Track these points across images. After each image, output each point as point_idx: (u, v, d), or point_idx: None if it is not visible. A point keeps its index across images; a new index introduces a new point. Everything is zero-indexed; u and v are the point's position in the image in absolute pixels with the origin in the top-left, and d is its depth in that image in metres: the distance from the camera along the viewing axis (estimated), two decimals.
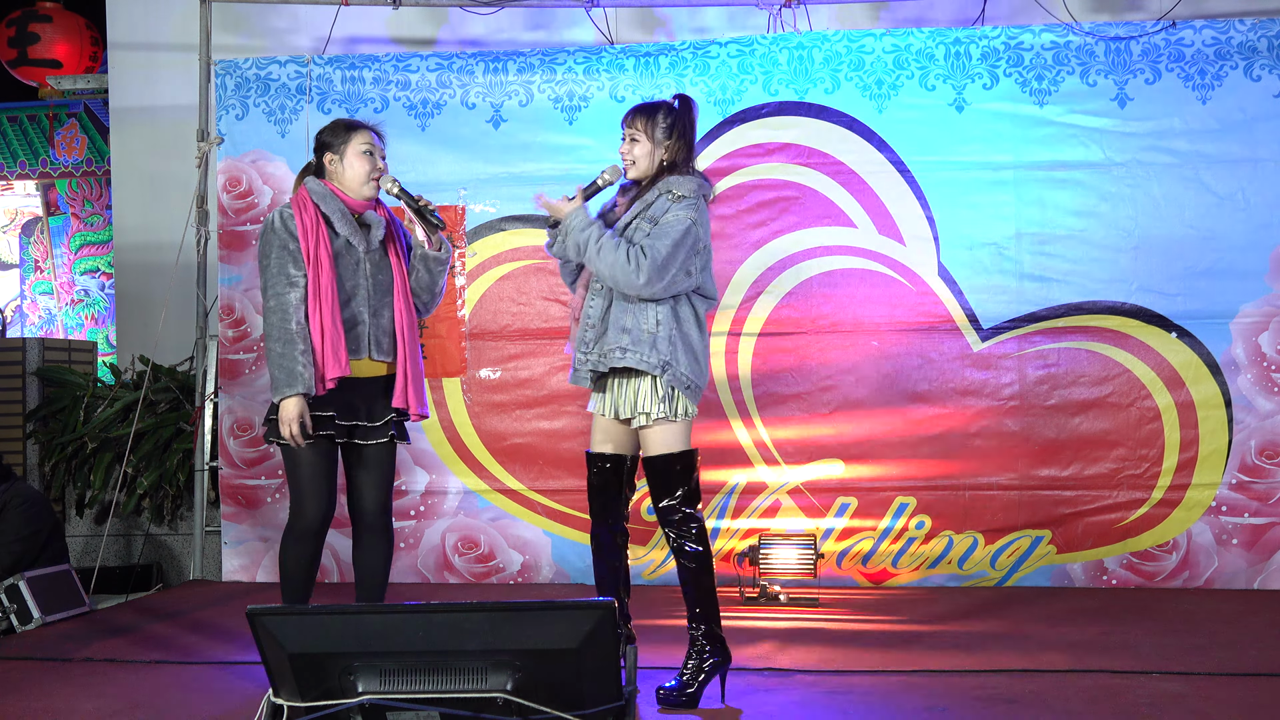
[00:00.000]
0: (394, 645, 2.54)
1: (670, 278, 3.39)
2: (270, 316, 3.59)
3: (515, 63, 5.67)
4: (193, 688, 3.75)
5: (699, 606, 3.46)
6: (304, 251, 3.59)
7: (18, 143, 8.74)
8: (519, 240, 5.66)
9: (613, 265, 3.38)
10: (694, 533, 3.45)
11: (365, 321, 3.66)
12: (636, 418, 3.45)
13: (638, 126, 3.52)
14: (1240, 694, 3.49)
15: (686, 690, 3.44)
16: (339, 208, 3.66)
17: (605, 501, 3.57)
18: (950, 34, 5.49)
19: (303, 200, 3.67)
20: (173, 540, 6.16)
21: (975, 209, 5.45)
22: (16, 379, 6.33)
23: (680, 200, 3.44)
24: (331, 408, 3.60)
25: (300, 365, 3.52)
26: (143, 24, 7.09)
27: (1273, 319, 5.28)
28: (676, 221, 3.40)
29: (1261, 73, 5.31)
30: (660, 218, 3.43)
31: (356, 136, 3.72)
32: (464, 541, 5.64)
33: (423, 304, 3.84)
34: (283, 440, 3.57)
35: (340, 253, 3.64)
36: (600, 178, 3.61)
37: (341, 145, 3.72)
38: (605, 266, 3.40)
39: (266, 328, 3.61)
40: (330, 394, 3.60)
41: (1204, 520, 5.28)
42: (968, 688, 3.60)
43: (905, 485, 5.41)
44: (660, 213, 3.45)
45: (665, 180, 3.50)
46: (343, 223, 3.64)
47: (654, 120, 3.51)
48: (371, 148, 3.72)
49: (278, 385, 3.54)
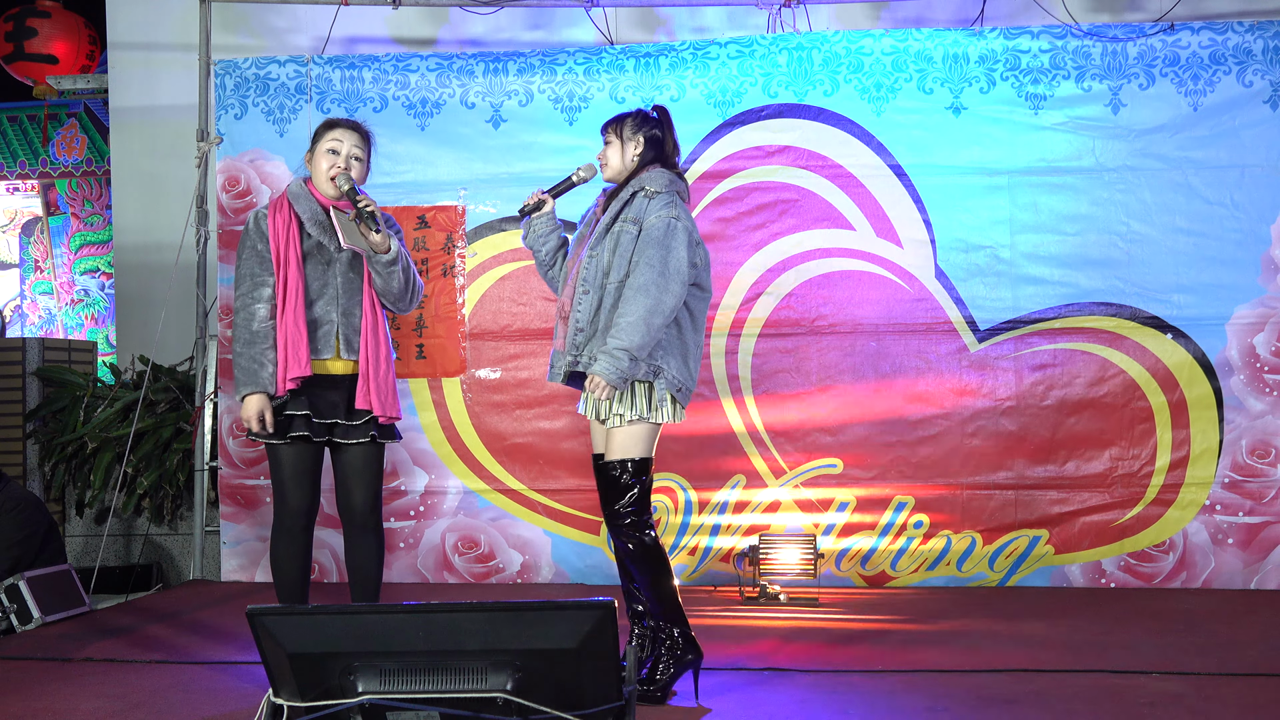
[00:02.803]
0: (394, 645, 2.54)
1: (683, 274, 3.45)
2: (236, 317, 3.68)
3: (515, 63, 5.68)
4: (193, 688, 3.75)
5: (660, 609, 3.47)
6: (274, 253, 3.65)
7: (17, 143, 8.74)
8: (518, 241, 5.64)
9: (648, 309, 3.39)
10: (639, 540, 3.46)
11: (334, 320, 3.68)
12: (610, 418, 3.50)
13: (610, 131, 3.68)
14: (1240, 694, 3.50)
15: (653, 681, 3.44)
16: (310, 209, 3.70)
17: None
18: (949, 35, 5.50)
19: (280, 202, 3.73)
20: (172, 540, 6.16)
21: (971, 212, 5.47)
22: (16, 379, 6.33)
23: (655, 196, 3.52)
24: (308, 407, 3.65)
25: (259, 365, 3.60)
26: (143, 24, 7.10)
27: (1268, 320, 5.30)
28: (659, 222, 3.48)
29: (1254, 78, 5.33)
30: (643, 218, 3.50)
31: (327, 134, 3.76)
32: (464, 541, 5.65)
33: (388, 304, 3.81)
34: (262, 438, 3.65)
35: (311, 253, 3.69)
36: (575, 174, 3.78)
37: (315, 143, 3.78)
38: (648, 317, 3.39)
39: (234, 329, 3.69)
40: (307, 393, 3.65)
41: (1199, 519, 5.29)
42: (968, 688, 3.61)
43: (903, 485, 5.42)
44: (640, 212, 3.52)
45: (638, 178, 3.59)
46: (312, 224, 3.69)
47: (623, 123, 3.66)
48: (338, 144, 3.72)
49: (238, 384, 3.64)
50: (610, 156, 3.66)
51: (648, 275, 3.42)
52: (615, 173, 3.65)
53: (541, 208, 3.77)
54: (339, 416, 3.71)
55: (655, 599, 3.48)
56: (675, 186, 3.60)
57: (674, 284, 3.44)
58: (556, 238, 3.80)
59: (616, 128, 3.66)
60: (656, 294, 3.41)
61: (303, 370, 3.60)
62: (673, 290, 3.43)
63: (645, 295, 3.41)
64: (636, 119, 3.66)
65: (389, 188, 5.61)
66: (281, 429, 3.65)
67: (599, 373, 3.41)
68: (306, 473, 3.69)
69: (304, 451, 3.68)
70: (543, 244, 3.80)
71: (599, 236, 3.58)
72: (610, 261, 3.52)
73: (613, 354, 3.40)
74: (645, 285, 3.42)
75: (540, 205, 3.77)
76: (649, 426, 3.50)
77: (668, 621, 3.47)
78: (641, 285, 3.42)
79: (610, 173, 3.67)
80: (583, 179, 3.80)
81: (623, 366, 3.39)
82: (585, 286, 3.55)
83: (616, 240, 3.52)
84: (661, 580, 3.47)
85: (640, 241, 3.48)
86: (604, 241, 3.56)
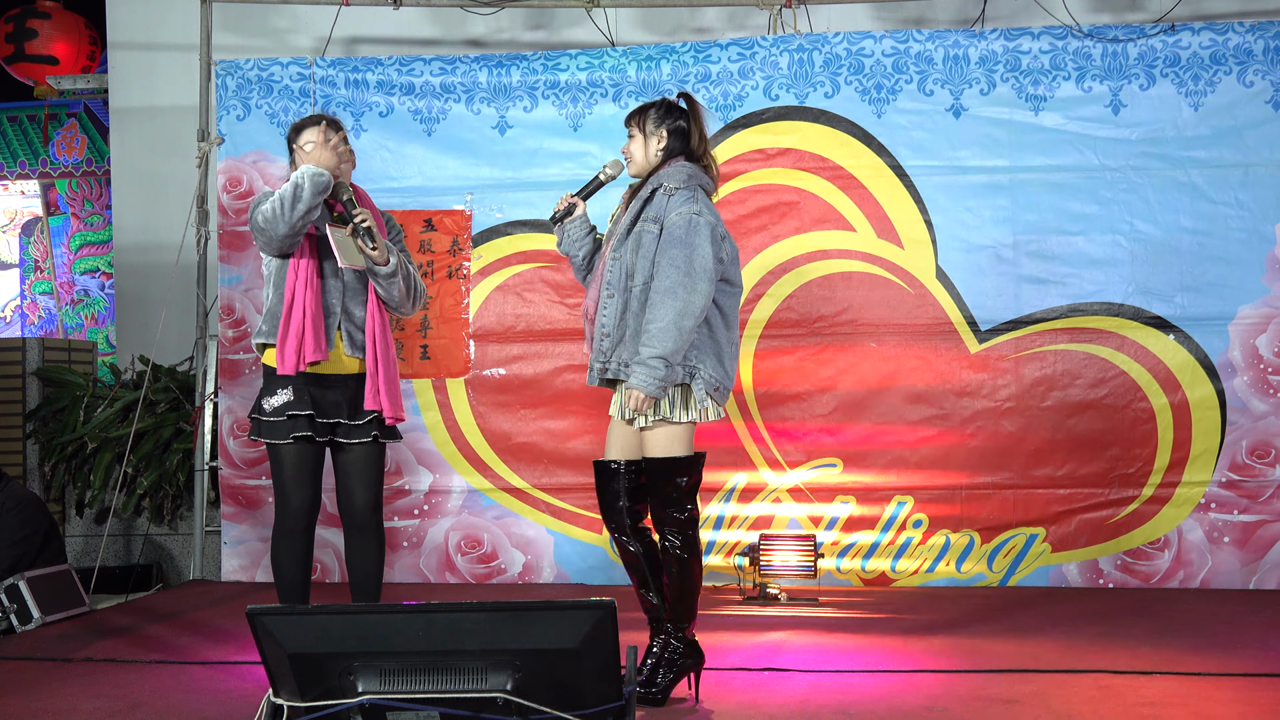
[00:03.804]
0: (394, 645, 2.55)
1: (709, 271, 3.34)
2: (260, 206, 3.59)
3: (518, 67, 5.68)
4: (193, 688, 3.75)
5: (679, 606, 3.45)
6: None
7: (17, 143, 8.74)
8: (524, 244, 5.68)
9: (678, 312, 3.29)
10: (686, 537, 3.43)
11: (337, 313, 3.67)
12: (638, 419, 3.42)
13: (633, 124, 3.56)
14: (1240, 694, 3.50)
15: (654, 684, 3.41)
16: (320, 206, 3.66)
17: (607, 512, 3.55)
18: (949, 37, 5.50)
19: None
20: (172, 540, 6.16)
21: (973, 213, 5.47)
22: (16, 379, 6.33)
23: (675, 193, 3.41)
24: (311, 407, 3.62)
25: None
26: (143, 24, 7.10)
27: (1272, 321, 5.29)
28: (680, 220, 3.37)
29: (1255, 78, 5.33)
30: (664, 216, 3.40)
31: (301, 135, 3.74)
32: (467, 540, 5.65)
33: (390, 309, 3.78)
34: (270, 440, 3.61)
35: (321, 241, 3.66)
36: (601, 173, 3.64)
37: (293, 150, 3.75)
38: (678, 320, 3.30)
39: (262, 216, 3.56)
40: (309, 393, 3.62)
41: (1193, 517, 5.29)
42: (968, 688, 3.61)
43: (903, 485, 5.42)
44: (660, 210, 3.42)
45: (658, 174, 3.49)
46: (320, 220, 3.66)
47: (645, 114, 3.54)
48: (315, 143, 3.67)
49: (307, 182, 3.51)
50: (634, 151, 3.54)
51: (673, 277, 3.32)
52: (640, 168, 3.54)
53: (573, 212, 3.64)
54: (342, 416, 3.69)
55: (679, 595, 3.42)
56: (697, 180, 3.47)
57: (701, 283, 3.33)
58: (592, 241, 3.68)
59: (639, 120, 3.53)
60: (684, 295, 3.30)
61: (322, 355, 3.57)
62: (700, 289, 3.33)
63: (672, 298, 3.30)
64: (660, 110, 3.53)
65: (396, 191, 5.63)
66: (284, 429, 3.64)
67: (637, 386, 3.30)
68: (308, 473, 3.68)
69: (306, 451, 3.66)
70: (579, 249, 3.66)
71: (620, 237, 3.48)
72: (634, 263, 3.42)
73: (647, 363, 3.29)
74: (671, 287, 3.31)
75: (571, 210, 3.64)
76: (687, 427, 3.43)
77: (680, 620, 3.45)
78: (668, 288, 3.32)
79: (635, 168, 3.55)
80: (610, 176, 3.65)
81: (660, 375, 3.29)
82: (610, 290, 3.46)
83: (639, 241, 3.42)
84: (693, 579, 3.43)
85: (662, 241, 3.37)
86: (626, 243, 3.46)
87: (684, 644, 3.46)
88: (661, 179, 3.47)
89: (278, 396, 3.64)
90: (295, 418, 3.62)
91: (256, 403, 3.71)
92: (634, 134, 3.55)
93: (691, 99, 3.57)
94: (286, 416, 3.62)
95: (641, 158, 3.54)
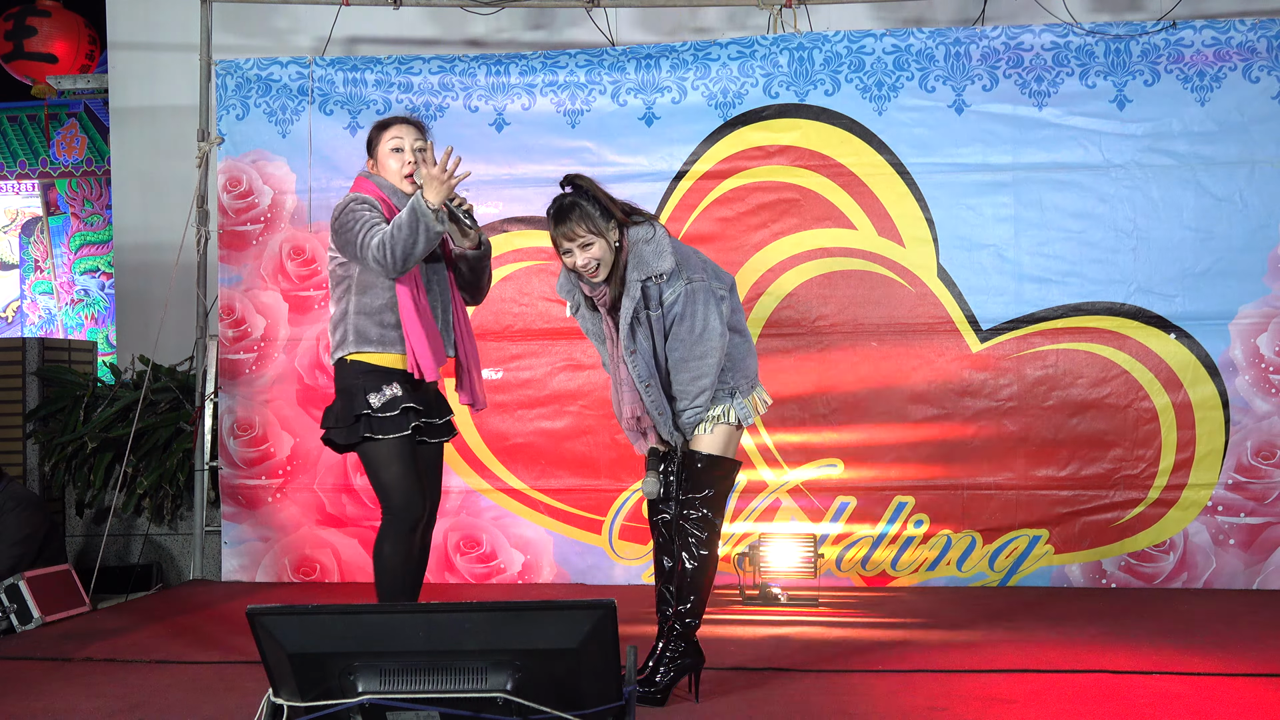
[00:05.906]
0: (394, 645, 2.54)
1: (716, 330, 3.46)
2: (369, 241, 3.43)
3: (517, 66, 5.68)
4: (193, 688, 3.75)
5: (687, 605, 3.47)
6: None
7: (17, 143, 8.74)
8: (521, 241, 5.67)
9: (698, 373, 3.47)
10: (705, 536, 3.48)
11: (438, 318, 3.63)
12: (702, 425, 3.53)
13: (579, 233, 3.40)
14: (1240, 694, 3.49)
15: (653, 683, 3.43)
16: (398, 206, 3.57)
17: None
18: (950, 34, 5.49)
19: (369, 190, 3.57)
20: (172, 540, 6.16)
21: (974, 210, 5.46)
22: (16, 379, 6.33)
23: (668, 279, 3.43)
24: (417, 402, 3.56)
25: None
26: (143, 24, 7.10)
27: (1272, 320, 5.29)
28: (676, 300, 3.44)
29: (1260, 74, 5.32)
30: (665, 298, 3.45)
31: (385, 133, 3.66)
32: (466, 541, 5.64)
33: (468, 299, 3.78)
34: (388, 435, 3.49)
35: None
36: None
37: (375, 146, 3.68)
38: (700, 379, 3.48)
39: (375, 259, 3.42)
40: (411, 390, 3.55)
41: (1200, 520, 5.28)
42: (968, 688, 3.61)
43: (904, 485, 5.42)
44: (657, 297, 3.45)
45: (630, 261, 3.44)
46: None
47: (585, 214, 3.41)
48: (399, 141, 3.63)
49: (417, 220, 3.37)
50: (598, 255, 3.42)
51: (685, 350, 3.46)
52: (609, 267, 3.47)
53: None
54: (433, 416, 3.66)
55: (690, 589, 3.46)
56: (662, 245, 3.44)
57: (711, 347, 3.46)
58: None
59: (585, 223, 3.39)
60: (697, 364, 3.46)
61: (444, 364, 3.54)
62: (713, 350, 3.47)
63: (689, 368, 3.46)
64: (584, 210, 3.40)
65: None
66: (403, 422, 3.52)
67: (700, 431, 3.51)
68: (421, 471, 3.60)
69: (412, 448, 3.56)
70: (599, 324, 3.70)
71: (627, 336, 3.48)
72: (651, 347, 3.48)
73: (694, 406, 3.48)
74: (684, 359, 3.46)
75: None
76: (732, 429, 3.55)
77: (686, 617, 3.46)
78: (681, 359, 3.46)
79: (606, 270, 3.46)
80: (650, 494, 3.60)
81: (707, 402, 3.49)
82: (645, 381, 3.49)
83: (648, 327, 3.47)
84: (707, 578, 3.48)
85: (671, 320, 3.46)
86: (635, 337, 3.47)
87: (685, 645, 3.46)
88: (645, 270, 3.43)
89: (383, 393, 3.52)
90: (409, 410, 3.52)
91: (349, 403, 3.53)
92: (589, 241, 3.40)
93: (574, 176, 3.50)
94: (401, 410, 3.51)
95: (609, 257, 3.45)
